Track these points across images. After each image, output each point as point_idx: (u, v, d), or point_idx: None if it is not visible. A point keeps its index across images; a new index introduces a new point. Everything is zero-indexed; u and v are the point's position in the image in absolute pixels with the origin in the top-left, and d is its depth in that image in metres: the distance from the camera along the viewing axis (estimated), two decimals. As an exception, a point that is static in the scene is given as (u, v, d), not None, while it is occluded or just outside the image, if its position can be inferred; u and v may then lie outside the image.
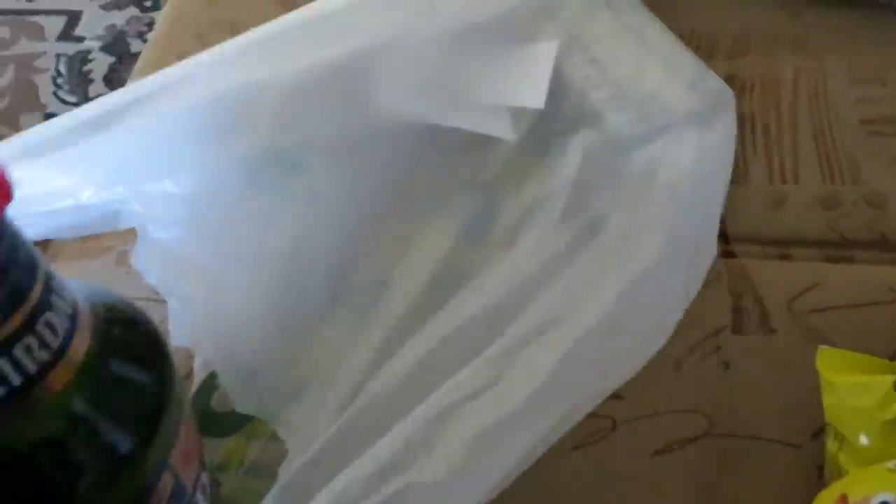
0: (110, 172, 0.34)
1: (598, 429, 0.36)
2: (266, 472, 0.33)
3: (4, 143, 0.36)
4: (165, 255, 0.34)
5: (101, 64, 1.31)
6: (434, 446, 0.27)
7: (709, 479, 0.35)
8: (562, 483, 0.34)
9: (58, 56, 1.32)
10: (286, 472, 0.28)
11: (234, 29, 0.45)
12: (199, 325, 0.32)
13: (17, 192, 0.31)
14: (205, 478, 0.25)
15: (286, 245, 0.35)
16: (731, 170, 0.43)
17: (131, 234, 0.39)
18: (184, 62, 0.40)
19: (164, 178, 0.34)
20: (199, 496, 0.24)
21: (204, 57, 0.40)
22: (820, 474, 0.34)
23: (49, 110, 1.25)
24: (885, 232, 0.44)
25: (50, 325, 0.19)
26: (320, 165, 0.36)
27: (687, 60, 0.49)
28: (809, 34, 0.54)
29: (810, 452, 0.35)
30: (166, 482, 0.22)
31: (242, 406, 0.33)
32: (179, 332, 0.36)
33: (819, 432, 0.35)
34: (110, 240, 0.45)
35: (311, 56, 0.39)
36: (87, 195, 0.33)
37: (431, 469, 0.26)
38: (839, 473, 0.31)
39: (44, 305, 0.19)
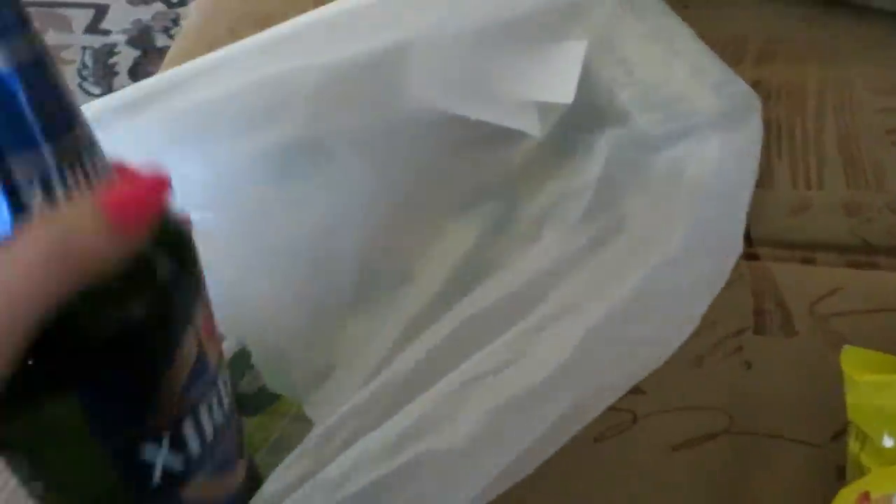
0: (147, 155, 0.35)
1: (619, 422, 0.36)
2: (288, 449, 0.34)
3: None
4: (198, 237, 0.34)
5: (126, 57, 1.32)
6: (453, 417, 0.28)
7: (727, 476, 0.35)
8: (582, 473, 0.35)
9: (84, 49, 1.33)
10: (312, 434, 0.29)
11: (267, 22, 0.45)
12: (229, 305, 0.33)
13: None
14: (227, 375, 0.26)
15: (316, 231, 0.35)
16: (756, 171, 0.44)
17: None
18: (221, 50, 0.41)
19: (199, 162, 0.35)
20: (221, 385, 0.25)
21: (240, 46, 0.41)
22: (839, 474, 0.34)
23: (74, 102, 1.26)
24: (909, 239, 0.44)
25: (96, 163, 0.22)
26: (351, 155, 0.37)
27: (714, 65, 0.50)
28: (837, 44, 0.54)
29: (830, 452, 0.35)
30: (191, 345, 0.23)
31: (272, 385, 0.33)
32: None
33: (839, 433, 0.35)
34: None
35: (344, 49, 0.40)
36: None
37: (449, 438, 0.27)
38: (861, 472, 0.32)
39: (91, 142, 0.22)
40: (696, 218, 0.37)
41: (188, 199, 0.36)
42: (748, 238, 0.45)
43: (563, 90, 0.43)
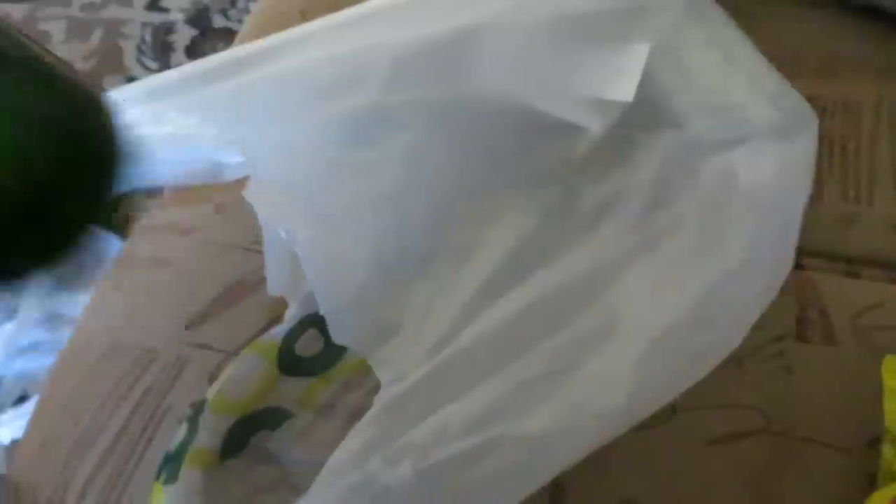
0: (232, 117, 0.37)
1: (659, 413, 0.37)
2: (335, 413, 0.36)
3: (134, 84, 0.39)
4: (275, 194, 0.36)
5: (183, 36, 1.35)
6: (529, 407, 0.29)
7: (760, 474, 0.36)
8: (618, 460, 0.36)
9: (143, 24, 1.36)
10: (380, 401, 0.30)
11: (335, 6, 0.47)
12: (303, 258, 0.35)
13: (147, 131, 0.34)
14: None
15: (386, 195, 0.37)
16: (810, 185, 0.44)
17: (230, 186, 0.41)
18: (297, 28, 0.42)
19: (280, 125, 0.37)
20: None
21: (317, 24, 0.43)
22: (870, 482, 0.35)
23: (131, 75, 1.29)
24: (956, 259, 0.45)
25: None
26: (422, 128, 0.38)
27: (771, 77, 0.50)
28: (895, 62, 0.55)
29: (863, 460, 0.36)
30: None
31: (343, 337, 0.35)
32: (276, 281, 0.38)
33: (873, 441, 0.36)
34: (209, 190, 0.48)
35: (418, 29, 0.41)
36: (209, 136, 0.36)
37: (527, 425, 0.28)
38: (894, 478, 0.32)
39: None
40: (753, 229, 0.38)
41: (271, 160, 0.38)
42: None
43: (623, 89, 0.44)
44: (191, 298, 0.43)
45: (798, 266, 0.45)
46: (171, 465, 0.34)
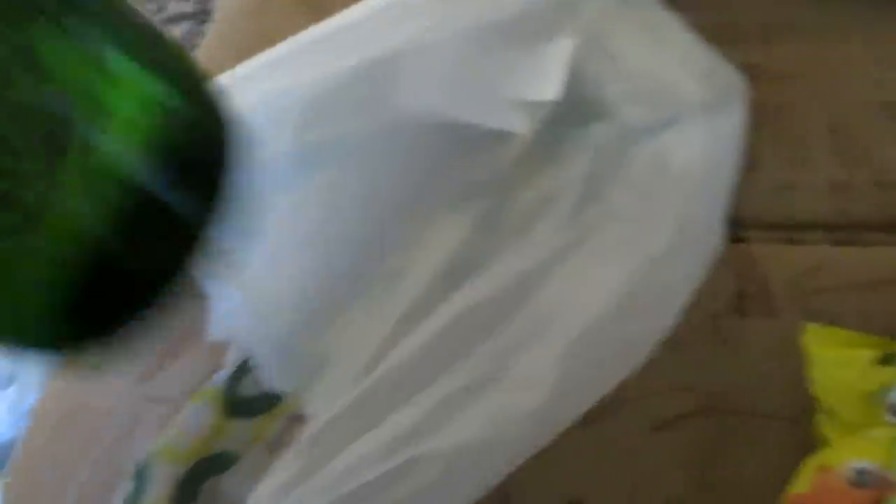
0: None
1: (601, 406, 0.37)
2: (284, 448, 0.37)
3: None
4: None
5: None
6: (447, 423, 0.30)
7: (706, 453, 0.37)
8: (562, 457, 0.36)
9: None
10: (303, 435, 0.31)
11: (272, 42, 0.48)
12: (237, 310, 0.35)
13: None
14: None
15: (314, 231, 0.37)
16: (739, 158, 0.44)
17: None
18: (229, 71, 0.43)
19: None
20: None
21: (238, 70, 0.43)
22: (815, 447, 0.35)
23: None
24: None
25: None
26: (345, 162, 0.39)
27: (701, 54, 0.50)
28: (834, 23, 0.54)
29: (806, 427, 0.36)
30: None
31: (277, 378, 0.36)
32: (217, 325, 0.39)
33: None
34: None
35: (337, 61, 0.42)
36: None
37: (443, 442, 0.29)
38: (825, 444, 0.33)
39: None
40: (680, 213, 0.39)
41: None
42: (732, 220, 0.46)
43: (550, 87, 0.44)
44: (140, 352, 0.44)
45: (737, 239, 0.45)
46: (116, 524, 0.35)
